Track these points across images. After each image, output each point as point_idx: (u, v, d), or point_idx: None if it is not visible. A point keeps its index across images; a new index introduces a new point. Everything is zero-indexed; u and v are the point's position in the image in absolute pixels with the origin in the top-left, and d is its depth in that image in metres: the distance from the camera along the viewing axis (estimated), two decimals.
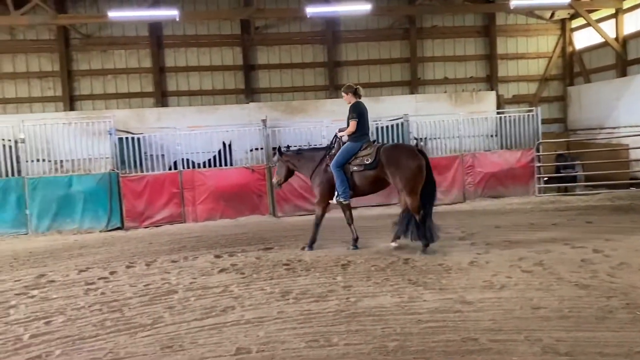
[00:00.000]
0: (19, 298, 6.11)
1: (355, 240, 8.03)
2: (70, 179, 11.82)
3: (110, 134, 12.06)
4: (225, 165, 12.87)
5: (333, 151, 8.08)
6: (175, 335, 4.61)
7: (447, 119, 13.42)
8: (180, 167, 12.39)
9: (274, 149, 9.08)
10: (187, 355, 4.18)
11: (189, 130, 12.77)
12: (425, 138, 13.54)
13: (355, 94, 8.06)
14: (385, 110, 14.67)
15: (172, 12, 12.99)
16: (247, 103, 16.71)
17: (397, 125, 13.26)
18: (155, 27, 16.62)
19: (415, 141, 12.91)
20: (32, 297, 6.14)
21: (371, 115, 14.14)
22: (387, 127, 13.38)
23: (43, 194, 11.67)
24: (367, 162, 7.72)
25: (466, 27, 18.12)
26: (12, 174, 11.86)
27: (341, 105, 15.97)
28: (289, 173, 8.67)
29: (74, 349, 4.41)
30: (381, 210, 11.82)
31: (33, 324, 5.10)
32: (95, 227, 11.67)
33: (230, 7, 16.92)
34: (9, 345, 4.56)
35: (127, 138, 12.30)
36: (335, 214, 8.76)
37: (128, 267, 7.53)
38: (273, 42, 17.47)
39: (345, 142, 7.96)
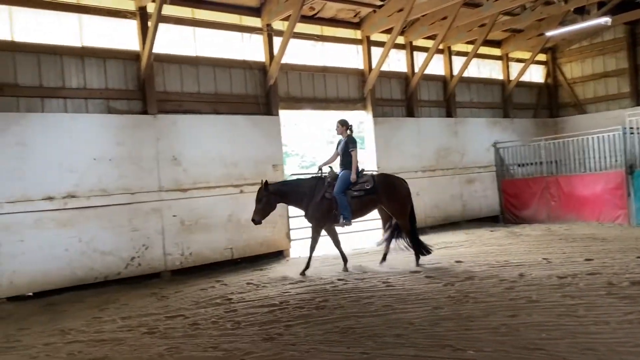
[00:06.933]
0: None
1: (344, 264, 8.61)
2: None
3: None
4: None
5: (329, 181, 8.57)
6: None
7: None
8: None
9: (266, 182, 8.49)
10: None
11: None
12: None
13: (349, 129, 8.72)
14: None
15: None
16: None
17: None
18: None
19: None
20: None
21: None
22: None
23: None
24: (368, 188, 8.49)
25: None
26: None
27: None
28: (273, 207, 8.65)
29: None
30: None
31: None
32: None
33: None
34: None
35: None
36: None
37: None
38: None
39: (329, 173, 8.71)
